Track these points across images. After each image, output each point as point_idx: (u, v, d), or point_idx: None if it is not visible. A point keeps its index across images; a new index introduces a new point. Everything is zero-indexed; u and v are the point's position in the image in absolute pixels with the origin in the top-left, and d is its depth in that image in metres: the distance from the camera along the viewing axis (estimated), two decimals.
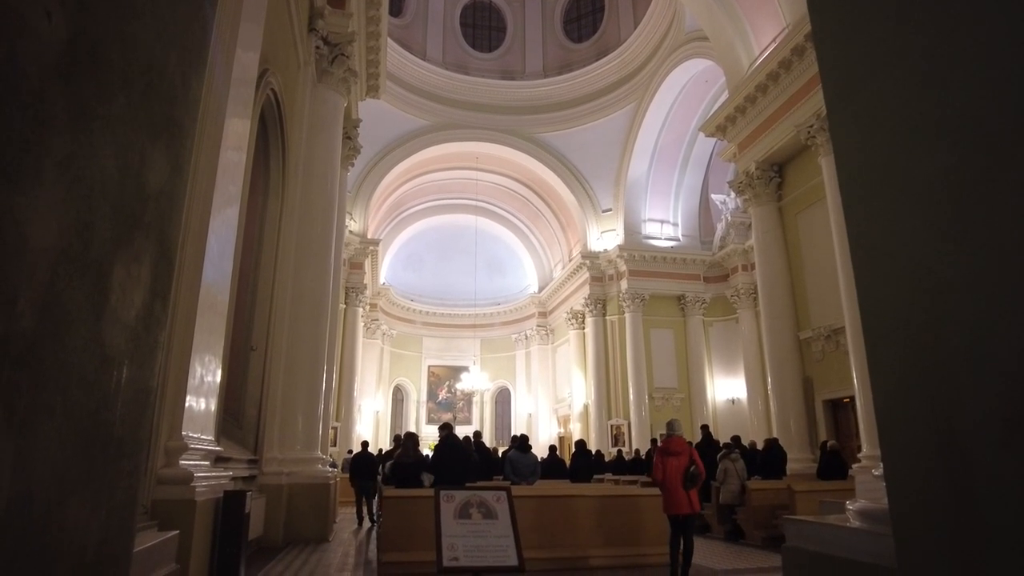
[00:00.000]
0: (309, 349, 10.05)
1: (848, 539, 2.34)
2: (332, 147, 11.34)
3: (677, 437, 6.67)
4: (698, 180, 24.24)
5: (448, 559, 3.14)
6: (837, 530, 2.40)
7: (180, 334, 5.06)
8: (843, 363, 13.64)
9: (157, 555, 2.62)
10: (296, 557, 7.89)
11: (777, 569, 7.11)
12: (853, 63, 1.75)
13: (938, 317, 1.53)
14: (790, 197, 16.15)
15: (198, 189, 5.36)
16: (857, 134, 1.79)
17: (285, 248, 9.90)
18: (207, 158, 5.49)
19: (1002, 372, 1.36)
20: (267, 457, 9.20)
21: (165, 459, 4.85)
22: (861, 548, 2.21)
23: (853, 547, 2.26)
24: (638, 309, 22.99)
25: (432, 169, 25.88)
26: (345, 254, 20.69)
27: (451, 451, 8.48)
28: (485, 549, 3.23)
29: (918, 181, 1.61)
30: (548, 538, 7.07)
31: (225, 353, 6.45)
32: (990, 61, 1.45)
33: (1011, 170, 1.39)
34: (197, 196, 5.34)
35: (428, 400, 31.05)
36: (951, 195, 1.49)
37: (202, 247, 5.33)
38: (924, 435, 1.46)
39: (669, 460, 6.46)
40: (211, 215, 5.44)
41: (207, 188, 5.45)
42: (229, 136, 5.82)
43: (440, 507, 3.40)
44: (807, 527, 2.54)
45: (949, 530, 1.36)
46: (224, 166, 5.73)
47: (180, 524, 4.61)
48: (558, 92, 24.56)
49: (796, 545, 2.56)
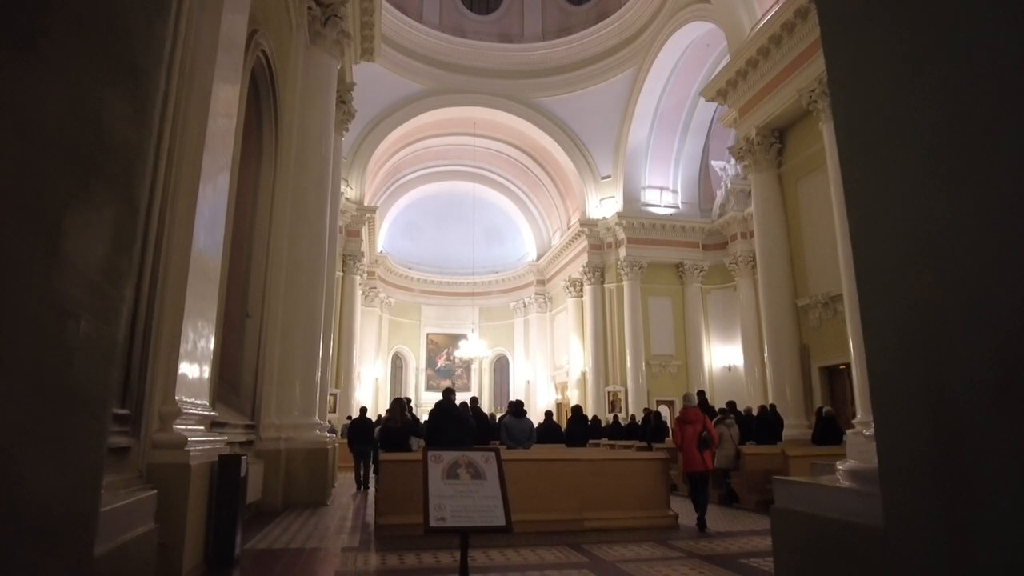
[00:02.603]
0: (305, 315, 10.04)
1: (837, 499, 2.31)
2: (326, 111, 11.16)
3: (693, 408, 8.03)
4: (698, 146, 23.97)
5: (435, 519, 3.12)
6: (826, 490, 2.38)
7: (171, 299, 5.01)
8: (840, 330, 13.66)
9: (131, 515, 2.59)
10: (294, 520, 7.98)
11: (768, 532, 7.21)
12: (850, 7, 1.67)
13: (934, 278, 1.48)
14: (790, 164, 16.00)
15: (186, 154, 5.26)
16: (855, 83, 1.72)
17: (280, 213, 9.81)
18: (195, 124, 5.37)
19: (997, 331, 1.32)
20: (264, 423, 9.25)
21: (159, 424, 4.84)
22: (850, 508, 2.18)
23: (842, 507, 2.23)
24: (636, 277, 22.95)
25: (429, 135, 25.56)
26: (341, 221, 20.54)
27: (447, 416, 8.53)
28: (473, 510, 3.21)
29: (918, 131, 1.55)
30: (543, 501, 7.14)
31: (219, 319, 6.42)
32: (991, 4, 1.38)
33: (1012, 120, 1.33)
34: (186, 161, 5.24)
35: (427, 367, 31.23)
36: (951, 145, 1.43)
37: (192, 212, 5.25)
38: (916, 394, 1.42)
39: (686, 427, 7.77)
40: (200, 181, 5.35)
41: (196, 154, 5.34)
42: (218, 102, 5.69)
43: (428, 468, 3.37)
44: (796, 488, 2.52)
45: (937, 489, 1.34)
46: (213, 132, 5.61)
47: (175, 488, 4.63)
48: (557, 56, 24.11)
49: (785, 506, 2.55)
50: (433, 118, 24.03)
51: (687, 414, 7.98)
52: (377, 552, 5.99)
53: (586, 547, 6.20)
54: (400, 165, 26.95)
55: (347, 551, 6.01)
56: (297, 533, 7.03)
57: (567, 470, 7.52)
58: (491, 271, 31.68)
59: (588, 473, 7.54)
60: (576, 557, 5.73)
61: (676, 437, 7.97)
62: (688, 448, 7.68)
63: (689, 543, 6.44)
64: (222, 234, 6.13)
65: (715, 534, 7.07)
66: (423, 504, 3.16)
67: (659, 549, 6.11)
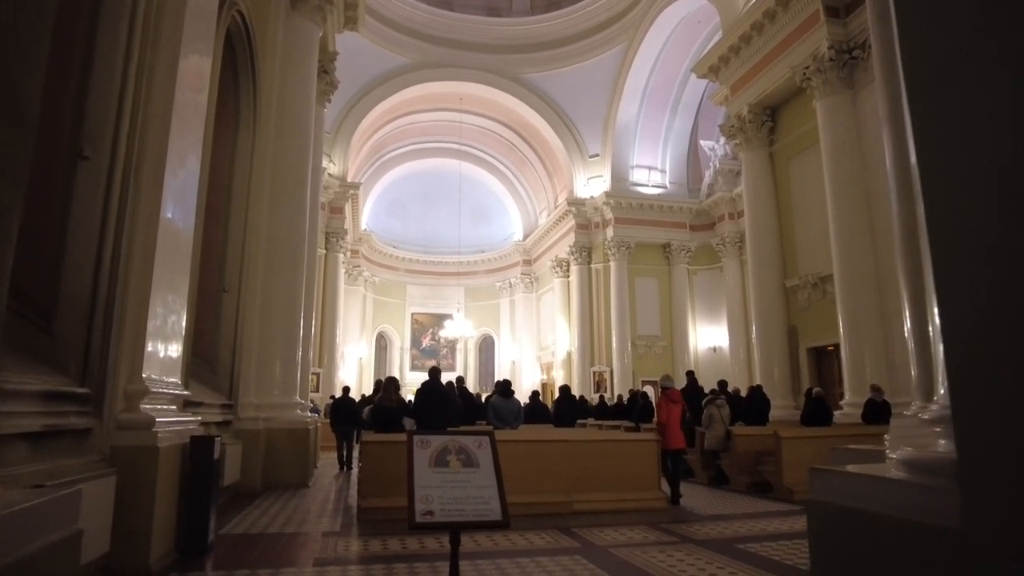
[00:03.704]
0: (286, 291, 9.70)
1: (891, 493, 1.99)
2: (307, 80, 10.71)
3: (675, 389, 8.68)
4: (687, 125, 23.68)
5: (421, 513, 2.76)
6: (876, 482, 2.05)
7: (138, 272, 4.68)
8: (829, 311, 13.55)
9: (42, 518, 2.17)
10: (274, 503, 7.72)
11: (762, 515, 7.07)
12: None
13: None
14: (782, 142, 15.77)
15: (153, 118, 4.88)
16: (928, 15, 1.45)
17: (258, 185, 9.41)
18: (162, 85, 4.99)
19: None
20: (243, 402, 8.95)
21: (125, 403, 4.54)
22: (909, 504, 1.85)
23: (897, 502, 1.91)
24: (623, 257, 22.76)
25: (414, 110, 25.00)
26: (324, 197, 20.08)
27: (433, 396, 8.28)
28: (464, 502, 2.87)
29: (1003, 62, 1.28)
30: (531, 484, 6.93)
31: (192, 294, 6.09)
32: None
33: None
34: (152, 125, 4.86)
35: (412, 347, 30.95)
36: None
37: (160, 180, 4.90)
38: (1010, 367, 1.17)
39: (672, 407, 8.31)
40: (168, 147, 4.98)
41: (163, 118, 4.96)
42: (188, 60, 5.30)
43: (413, 454, 3.01)
44: (839, 479, 2.18)
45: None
46: (182, 94, 5.23)
47: (142, 471, 4.34)
48: (546, 31, 23.58)
49: (824, 499, 2.23)
50: (418, 92, 23.48)
51: (672, 394, 8.51)
52: (359, 537, 5.75)
53: (576, 531, 6.00)
54: (384, 141, 26.39)
55: (328, 536, 5.76)
56: (276, 516, 6.77)
57: (557, 451, 7.32)
58: (477, 250, 31.34)
59: (578, 455, 7.34)
60: (567, 542, 5.53)
61: (662, 414, 8.33)
62: (673, 426, 8.14)
63: (682, 527, 6.27)
64: (194, 204, 5.78)
65: (708, 517, 6.91)
66: (408, 496, 2.83)
67: (652, 533, 5.93)
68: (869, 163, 12.51)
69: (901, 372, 11.57)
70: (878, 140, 12.37)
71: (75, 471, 3.73)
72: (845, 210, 12.61)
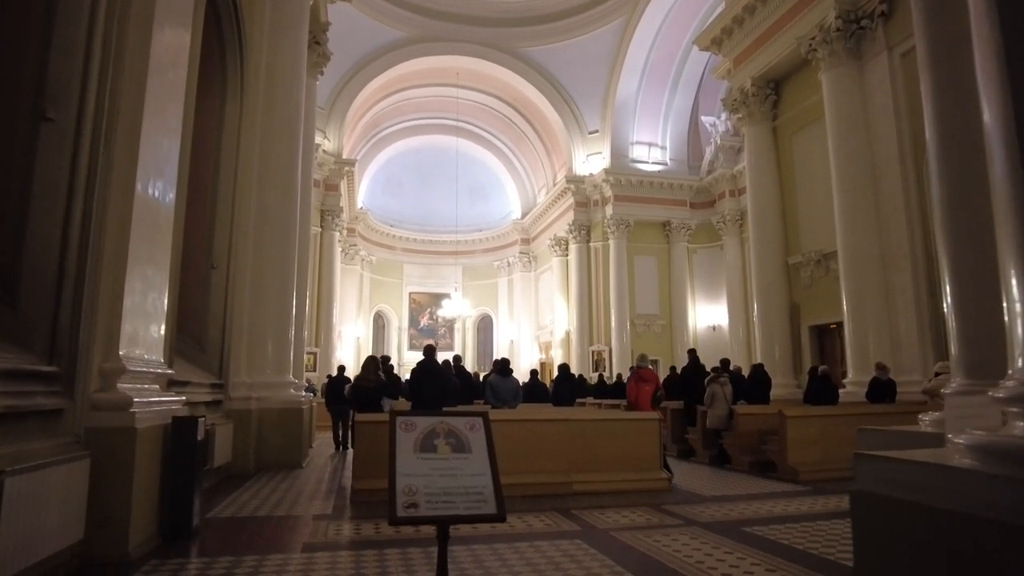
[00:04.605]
0: (277, 268, 9.43)
1: (959, 485, 1.70)
2: (297, 50, 10.32)
3: (647, 368, 8.83)
4: (688, 101, 23.24)
5: (404, 506, 2.39)
6: (938, 472, 1.72)
7: (112, 244, 4.40)
8: (832, 289, 13.32)
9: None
10: (266, 484, 7.53)
11: (767, 496, 6.89)
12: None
13: None
14: (785, 116, 15.42)
15: (126, 80, 4.56)
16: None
17: (247, 157, 9.09)
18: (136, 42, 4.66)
19: None
20: (234, 381, 8.72)
21: (101, 382, 4.29)
22: (982, 497, 1.56)
23: (967, 496, 1.60)
24: (623, 235, 22.48)
25: (410, 85, 24.50)
26: (319, 174, 19.72)
27: (429, 374, 8.07)
28: (454, 493, 2.50)
29: None
30: (529, 463, 6.74)
31: (175, 269, 5.82)
32: None
33: None
34: (125, 88, 4.55)
35: (410, 327, 30.75)
36: None
37: (135, 146, 4.58)
38: None
39: (643, 386, 8.47)
40: (144, 113, 4.66)
41: (137, 81, 4.62)
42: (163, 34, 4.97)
43: (396, 437, 2.62)
44: (891, 466, 1.84)
45: None
46: (158, 53, 4.90)
47: (119, 454, 4.11)
48: (544, 3, 22.97)
49: (872, 490, 1.91)
50: (414, 67, 22.98)
51: (644, 373, 8.63)
52: (351, 520, 5.55)
53: (576, 513, 5.81)
54: (380, 117, 25.92)
55: (319, 519, 5.56)
56: (267, 499, 6.57)
57: (556, 431, 7.12)
58: (475, 229, 31.02)
59: (578, 434, 7.14)
60: (567, 524, 5.33)
61: (631, 394, 8.52)
62: (643, 406, 8.28)
63: (685, 508, 6.08)
64: (175, 173, 5.48)
65: (710, 498, 6.72)
66: (388, 486, 2.47)
67: (655, 515, 5.73)
68: (875, 136, 12.20)
69: (906, 350, 11.37)
70: (886, 112, 12.12)
71: (43, 454, 3.49)
72: (849, 185, 12.32)
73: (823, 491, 7.02)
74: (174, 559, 4.18)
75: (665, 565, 4.04)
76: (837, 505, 6.16)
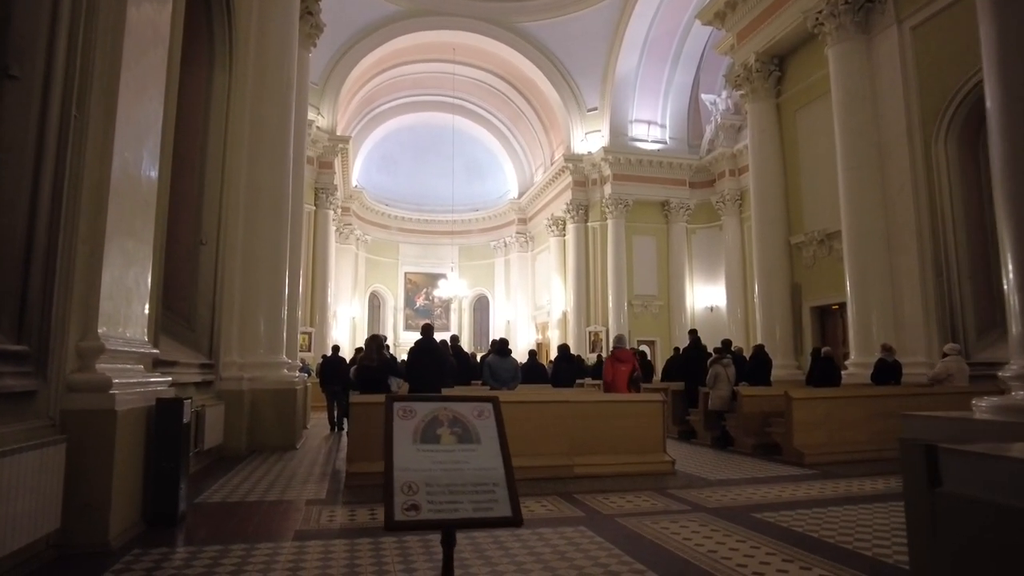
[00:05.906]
0: (269, 244, 9.15)
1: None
2: (289, 18, 9.94)
3: (624, 349, 8.91)
4: (688, 78, 22.80)
5: (403, 508, 2.01)
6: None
7: (89, 215, 4.11)
8: (835, 269, 13.10)
9: None
10: (258, 467, 7.33)
11: (774, 479, 6.71)
12: None
13: None
14: (790, 92, 15.08)
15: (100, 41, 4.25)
16: None
17: (236, 131, 8.76)
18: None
19: None
20: (225, 361, 8.49)
21: (78, 362, 4.04)
22: None
23: None
24: (621, 215, 22.19)
25: (406, 61, 23.98)
26: (313, 152, 19.32)
27: (426, 355, 7.84)
28: (460, 492, 2.12)
29: None
30: (530, 446, 6.53)
31: (159, 243, 5.54)
32: None
33: None
34: (99, 50, 4.24)
35: (406, 307, 30.49)
36: None
37: (112, 111, 4.29)
38: None
39: (619, 366, 8.50)
40: (121, 72, 4.36)
41: (113, 43, 4.32)
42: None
43: (393, 426, 2.24)
44: (985, 465, 1.58)
45: None
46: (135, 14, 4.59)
47: (97, 437, 3.87)
48: None
49: (962, 492, 1.61)
50: (410, 42, 22.45)
51: (619, 354, 8.63)
52: (345, 505, 5.34)
53: (579, 497, 5.61)
54: (375, 94, 25.40)
55: (312, 504, 5.35)
56: (259, 482, 6.36)
57: (557, 412, 6.90)
58: (471, 209, 30.64)
59: (580, 416, 6.93)
60: (570, 510, 5.13)
61: (607, 374, 8.52)
62: (619, 386, 8.32)
63: (691, 492, 5.89)
64: (158, 142, 5.18)
65: (716, 482, 6.54)
66: (384, 484, 2.10)
67: (660, 500, 5.54)
68: (882, 113, 11.90)
69: (910, 331, 11.19)
70: (894, 88, 11.79)
71: (13, 439, 3.25)
72: (855, 163, 12.04)
73: (830, 475, 6.84)
74: (157, 548, 3.95)
75: (676, 555, 3.84)
76: (847, 490, 5.98)
